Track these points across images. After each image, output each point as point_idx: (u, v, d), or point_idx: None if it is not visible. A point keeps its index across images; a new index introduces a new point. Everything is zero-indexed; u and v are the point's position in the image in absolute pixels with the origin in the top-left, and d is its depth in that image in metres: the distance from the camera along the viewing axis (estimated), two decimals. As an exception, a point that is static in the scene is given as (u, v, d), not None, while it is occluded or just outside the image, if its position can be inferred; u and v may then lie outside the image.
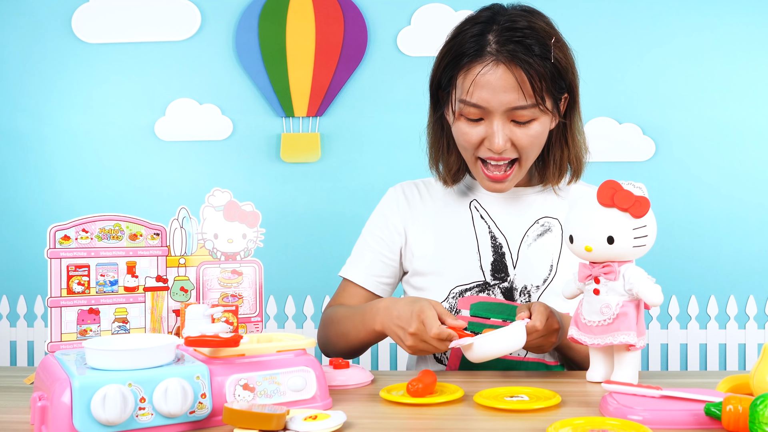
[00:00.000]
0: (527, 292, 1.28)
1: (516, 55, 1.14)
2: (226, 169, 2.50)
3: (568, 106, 1.25)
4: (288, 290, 2.47)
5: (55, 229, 1.01)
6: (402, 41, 2.48)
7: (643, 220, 0.99)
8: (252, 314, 1.10)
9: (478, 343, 1.03)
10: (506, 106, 1.16)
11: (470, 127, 1.20)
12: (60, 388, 0.78)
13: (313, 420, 0.81)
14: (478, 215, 1.32)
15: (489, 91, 1.15)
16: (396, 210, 1.37)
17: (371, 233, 1.38)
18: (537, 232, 1.30)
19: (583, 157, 1.30)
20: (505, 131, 1.18)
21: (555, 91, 1.19)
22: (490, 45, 1.16)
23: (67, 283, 1.01)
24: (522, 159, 1.22)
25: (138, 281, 1.05)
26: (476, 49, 1.16)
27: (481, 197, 1.34)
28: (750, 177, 2.42)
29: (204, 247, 1.08)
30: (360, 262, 1.37)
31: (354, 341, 1.26)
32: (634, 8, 2.45)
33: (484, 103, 1.16)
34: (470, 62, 1.17)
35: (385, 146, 2.49)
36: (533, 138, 1.19)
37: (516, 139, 1.19)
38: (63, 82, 2.53)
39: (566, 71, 1.19)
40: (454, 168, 1.32)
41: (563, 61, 1.18)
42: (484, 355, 1.03)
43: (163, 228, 1.07)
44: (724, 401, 0.79)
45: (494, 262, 1.29)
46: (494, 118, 1.17)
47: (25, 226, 2.50)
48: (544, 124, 1.20)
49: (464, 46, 1.18)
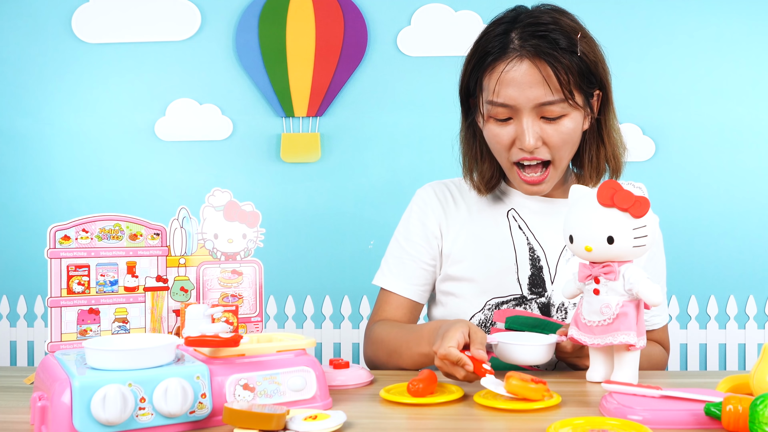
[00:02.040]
0: (564, 309, 1.24)
1: (540, 49, 1.12)
2: (226, 169, 2.50)
3: (602, 103, 1.22)
4: (288, 290, 2.47)
5: (55, 229, 1.01)
6: (402, 41, 2.48)
7: (643, 220, 0.99)
8: (252, 314, 1.10)
9: (503, 346, 1.06)
10: (534, 102, 1.14)
11: (500, 128, 1.18)
12: (60, 388, 0.78)
13: (313, 420, 0.81)
14: (516, 226, 1.28)
15: (515, 88, 1.14)
16: (430, 212, 1.32)
17: (408, 239, 1.32)
18: None
19: (621, 156, 1.26)
20: (535, 129, 1.16)
21: (584, 85, 1.16)
22: (513, 42, 1.14)
23: (67, 283, 1.01)
24: (555, 159, 1.19)
25: (138, 281, 1.05)
26: (500, 48, 1.15)
27: (519, 207, 1.29)
28: (750, 177, 2.42)
29: (204, 247, 1.08)
30: (400, 271, 1.31)
31: (408, 363, 1.19)
32: (634, 8, 2.45)
33: (512, 101, 1.14)
34: (494, 61, 1.15)
35: (385, 146, 2.49)
36: (565, 135, 1.17)
37: (547, 136, 1.16)
38: (63, 82, 2.53)
39: (595, 65, 1.17)
40: (487, 175, 1.28)
41: (591, 55, 1.16)
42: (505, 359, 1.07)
43: (163, 228, 1.07)
44: (724, 401, 0.79)
45: (532, 276, 1.25)
46: (523, 116, 1.15)
47: (25, 226, 2.50)
48: (576, 121, 1.18)
49: (488, 46, 1.17)
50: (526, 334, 1.12)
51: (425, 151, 2.46)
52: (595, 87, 1.19)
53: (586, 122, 1.21)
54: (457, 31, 2.45)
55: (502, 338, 1.08)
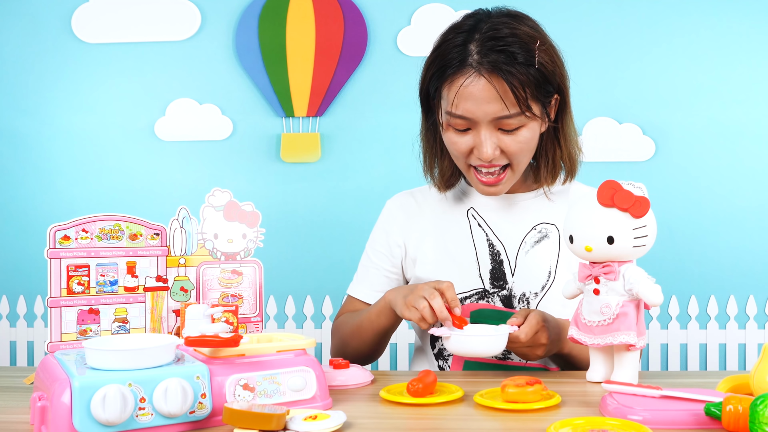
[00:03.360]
0: (526, 299, 1.27)
1: (497, 66, 1.14)
2: (226, 169, 2.50)
3: (559, 106, 1.25)
4: (288, 290, 2.47)
5: (55, 229, 1.01)
6: (402, 41, 2.48)
7: (643, 220, 0.99)
8: (252, 314, 1.10)
9: (455, 338, 1.07)
10: (491, 116, 1.16)
11: (459, 137, 1.21)
12: (60, 388, 0.78)
13: (313, 420, 0.81)
14: (476, 223, 1.32)
15: (473, 102, 1.16)
16: (394, 223, 1.38)
17: (373, 249, 1.39)
18: (534, 239, 1.30)
19: (577, 157, 1.30)
20: (492, 140, 1.18)
21: (542, 96, 1.19)
22: (472, 55, 1.16)
23: (67, 283, 1.01)
24: (513, 164, 1.23)
25: (138, 281, 1.05)
26: (459, 61, 1.17)
27: (478, 205, 1.34)
28: (750, 177, 2.42)
29: (204, 247, 1.08)
30: (365, 279, 1.39)
31: (367, 331, 1.28)
32: (634, 8, 2.45)
33: (469, 114, 1.17)
34: (453, 74, 1.17)
35: (385, 146, 2.49)
36: (522, 144, 1.20)
37: (505, 146, 1.19)
38: (63, 82, 2.53)
39: (553, 74, 1.19)
40: (447, 173, 1.33)
41: (549, 65, 1.18)
42: (459, 352, 1.07)
43: (163, 228, 1.07)
44: (724, 401, 0.79)
45: (493, 270, 1.29)
46: (481, 128, 1.18)
47: (25, 226, 2.50)
48: (533, 130, 1.20)
49: (447, 57, 1.18)
50: (479, 326, 1.12)
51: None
52: (552, 94, 1.22)
53: (543, 126, 1.24)
54: (457, 31, 2.45)
55: (454, 331, 1.08)
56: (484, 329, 1.10)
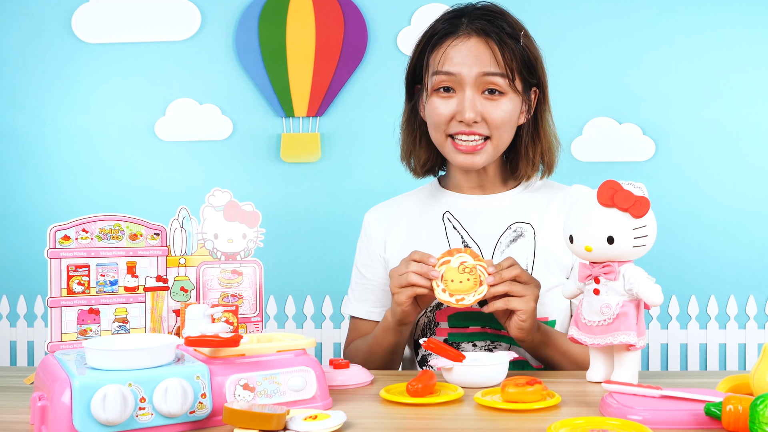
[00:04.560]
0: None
1: (487, 28, 1.21)
2: (226, 169, 2.50)
3: (538, 101, 1.29)
4: (288, 290, 2.47)
5: (55, 229, 1.01)
6: (402, 41, 2.48)
7: (643, 220, 0.99)
8: (252, 314, 1.10)
9: (458, 370, 1.03)
10: (477, 70, 1.20)
11: (443, 101, 1.24)
12: (60, 388, 0.78)
13: (313, 420, 0.81)
14: (451, 226, 1.33)
15: (460, 57, 1.21)
16: (372, 238, 1.39)
17: (363, 264, 1.40)
18: (510, 238, 1.30)
19: (555, 152, 1.33)
20: (476, 103, 1.22)
21: (525, 75, 1.24)
22: (462, 24, 1.23)
23: (67, 283, 1.01)
24: (493, 137, 1.24)
25: (138, 281, 1.05)
26: (449, 27, 1.23)
27: (453, 207, 1.34)
28: (750, 177, 2.42)
29: (204, 247, 1.08)
30: (363, 298, 1.39)
31: (379, 352, 1.27)
32: (634, 8, 2.45)
33: (456, 68, 1.21)
34: (442, 38, 1.23)
35: (385, 146, 2.46)
36: (504, 113, 1.23)
37: (486, 112, 1.22)
38: (63, 82, 2.53)
39: (536, 61, 1.25)
40: (423, 158, 1.35)
41: (533, 51, 1.25)
42: (462, 383, 1.03)
43: (163, 228, 1.07)
44: (724, 401, 0.79)
45: None
46: (466, 87, 1.21)
47: (25, 226, 2.50)
48: (515, 103, 1.24)
49: (437, 28, 1.25)
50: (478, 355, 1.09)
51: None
52: (534, 82, 1.26)
53: (522, 116, 1.27)
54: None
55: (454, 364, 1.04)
56: (485, 358, 1.08)
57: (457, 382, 1.03)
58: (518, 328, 1.13)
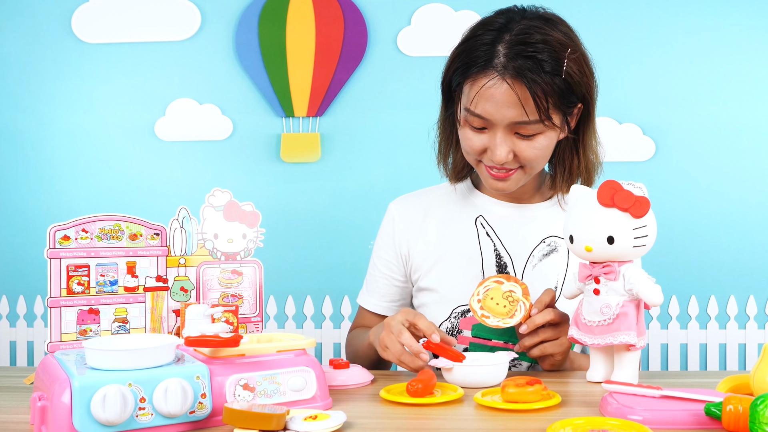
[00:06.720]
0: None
1: (522, 73, 1.11)
2: (226, 169, 2.50)
3: (582, 116, 1.22)
4: (288, 290, 2.47)
5: (55, 229, 1.01)
6: (402, 41, 2.48)
7: (643, 220, 0.99)
8: (252, 314, 1.10)
9: (458, 370, 1.03)
10: (508, 120, 1.14)
11: (474, 134, 1.18)
12: (60, 388, 0.78)
13: (313, 420, 0.81)
14: (484, 233, 1.29)
15: (492, 104, 1.13)
16: (397, 230, 1.35)
17: (379, 257, 1.37)
18: (543, 252, 1.27)
19: (594, 171, 1.28)
20: (507, 143, 1.16)
21: (564, 105, 1.15)
22: (498, 57, 1.13)
23: (67, 283, 1.01)
24: (526, 168, 1.20)
25: (138, 281, 1.05)
26: (484, 60, 1.14)
27: (488, 213, 1.31)
28: (750, 177, 2.42)
29: (204, 247, 1.08)
30: (374, 290, 1.37)
31: (365, 358, 1.28)
32: (634, 9, 2.45)
33: (487, 115, 1.14)
34: (477, 73, 1.14)
35: (385, 146, 2.49)
36: (537, 151, 1.17)
37: (519, 150, 1.17)
38: (63, 82, 2.53)
39: (579, 85, 1.16)
40: (459, 165, 1.31)
41: (576, 75, 1.15)
42: (461, 383, 1.03)
43: (163, 228, 1.07)
44: (724, 401, 0.79)
45: None
46: (497, 131, 1.16)
47: (25, 226, 2.50)
48: (551, 138, 1.18)
49: (473, 55, 1.15)
50: (477, 356, 1.10)
51: (425, 151, 2.45)
52: (576, 103, 1.19)
53: (561, 134, 1.21)
54: (457, 30, 2.42)
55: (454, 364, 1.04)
56: (484, 359, 1.08)
57: (457, 382, 1.03)
58: (552, 365, 1.15)
